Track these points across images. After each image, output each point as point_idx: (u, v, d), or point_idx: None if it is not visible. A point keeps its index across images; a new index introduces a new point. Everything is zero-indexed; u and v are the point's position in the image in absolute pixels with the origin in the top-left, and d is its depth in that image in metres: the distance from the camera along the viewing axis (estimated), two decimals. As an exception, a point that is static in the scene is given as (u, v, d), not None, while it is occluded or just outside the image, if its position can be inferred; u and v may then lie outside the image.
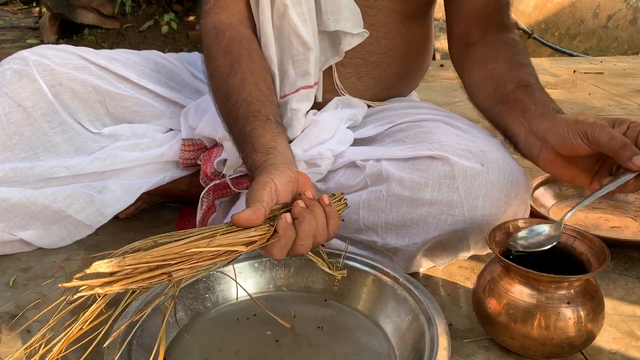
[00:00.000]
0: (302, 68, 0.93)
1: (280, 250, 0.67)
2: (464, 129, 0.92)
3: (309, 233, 0.67)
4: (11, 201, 0.96)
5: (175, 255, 0.59)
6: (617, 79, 2.44)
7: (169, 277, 0.59)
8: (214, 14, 0.92)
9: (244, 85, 0.84)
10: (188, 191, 1.15)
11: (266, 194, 0.67)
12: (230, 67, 0.86)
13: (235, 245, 0.63)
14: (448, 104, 2.01)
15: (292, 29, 0.89)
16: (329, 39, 0.96)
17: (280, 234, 0.66)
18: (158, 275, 0.58)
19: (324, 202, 0.70)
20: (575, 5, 3.37)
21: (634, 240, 1.03)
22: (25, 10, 4.53)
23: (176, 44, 3.30)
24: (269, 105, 0.83)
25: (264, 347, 0.73)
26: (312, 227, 0.67)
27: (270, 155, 0.75)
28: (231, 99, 0.84)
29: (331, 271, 0.78)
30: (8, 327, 0.82)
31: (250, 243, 0.64)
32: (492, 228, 0.77)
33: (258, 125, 0.79)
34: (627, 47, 3.45)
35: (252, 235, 0.64)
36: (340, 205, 0.76)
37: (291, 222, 0.67)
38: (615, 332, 0.81)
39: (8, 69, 1.01)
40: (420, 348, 0.68)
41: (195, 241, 0.61)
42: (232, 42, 0.88)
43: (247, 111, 0.81)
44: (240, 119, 0.81)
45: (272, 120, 0.80)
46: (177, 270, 0.59)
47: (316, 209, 0.69)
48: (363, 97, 1.04)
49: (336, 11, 0.92)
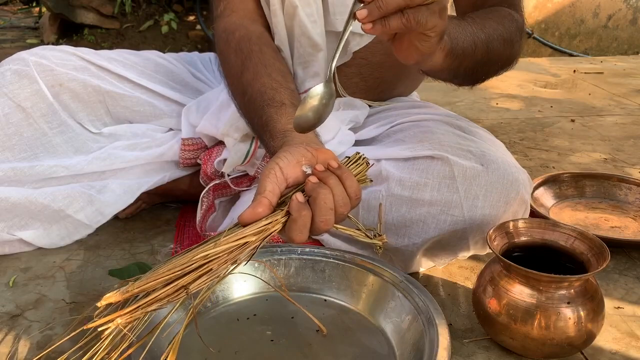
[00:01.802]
0: (311, 69, 0.92)
1: (300, 232, 0.62)
2: (464, 129, 0.92)
3: (327, 207, 0.62)
4: (11, 201, 0.96)
5: (184, 266, 0.56)
6: (617, 79, 2.44)
7: (186, 290, 0.56)
8: (225, 17, 0.92)
9: (257, 78, 0.83)
10: (188, 191, 1.15)
11: (269, 182, 0.63)
12: (242, 65, 0.86)
13: (245, 238, 0.59)
14: (448, 104, 2.01)
15: (301, 30, 0.90)
16: (337, 39, 0.96)
17: (295, 215, 0.62)
18: (174, 290, 0.55)
19: (332, 167, 0.65)
20: (575, 5, 3.37)
21: (634, 240, 1.03)
22: (25, 10, 4.53)
23: (176, 44, 3.30)
24: (284, 91, 0.81)
25: (264, 347, 0.73)
26: (329, 200, 0.62)
27: (287, 138, 0.73)
28: (247, 95, 0.83)
29: (370, 240, 0.72)
30: (8, 327, 0.82)
31: (261, 232, 0.60)
32: (492, 228, 0.77)
33: (273, 112, 0.77)
34: (627, 47, 3.45)
35: (263, 224, 0.61)
36: (360, 166, 0.70)
37: (304, 201, 0.62)
38: (615, 332, 0.81)
39: (8, 69, 1.01)
40: (420, 348, 0.68)
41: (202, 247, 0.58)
42: (241, 40, 0.88)
43: (262, 101, 0.80)
44: (256, 111, 0.80)
45: (287, 104, 0.78)
46: (192, 281, 0.56)
47: (329, 180, 0.64)
48: (366, 97, 1.04)
49: (345, 11, 0.92)
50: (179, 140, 1.09)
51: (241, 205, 1.03)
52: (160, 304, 0.55)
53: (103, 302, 0.53)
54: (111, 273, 0.89)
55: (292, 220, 0.62)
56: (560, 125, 1.79)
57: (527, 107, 2.01)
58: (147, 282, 0.55)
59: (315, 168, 0.65)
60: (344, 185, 0.64)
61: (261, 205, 0.61)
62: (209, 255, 0.57)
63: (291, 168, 0.66)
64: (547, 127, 1.78)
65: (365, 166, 0.71)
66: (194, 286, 0.56)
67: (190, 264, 0.56)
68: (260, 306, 0.81)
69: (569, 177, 1.22)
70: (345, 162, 0.69)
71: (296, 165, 0.66)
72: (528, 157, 1.51)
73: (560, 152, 1.55)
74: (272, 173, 0.64)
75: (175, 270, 0.56)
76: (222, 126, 1.00)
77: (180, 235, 1.07)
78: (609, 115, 1.91)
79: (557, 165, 1.45)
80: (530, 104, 2.04)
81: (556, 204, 1.17)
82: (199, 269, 0.57)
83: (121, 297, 0.54)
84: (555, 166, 1.44)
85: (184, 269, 0.56)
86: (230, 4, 0.92)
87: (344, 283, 0.82)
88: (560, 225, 0.79)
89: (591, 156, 1.52)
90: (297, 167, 0.66)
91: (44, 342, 0.78)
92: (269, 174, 0.64)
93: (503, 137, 1.65)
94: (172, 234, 1.09)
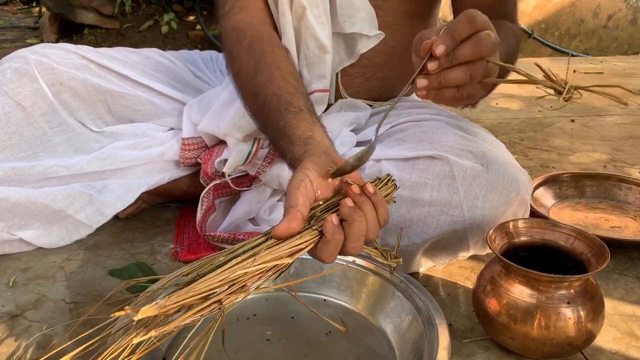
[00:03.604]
0: (317, 71, 0.92)
1: (331, 255, 0.61)
2: (464, 129, 0.92)
3: (361, 234, 0.61)
4: (11, 201, 0.96)
5: (221, 282, 0.55)
6: (617, 79, 2.44)
7: (219, 306, 0.55)
8: (233, 15, 0.91)
9: (272, 81, 0.82)
10: (188, 191, 1.15)
11: (301, 195, 0.62)
12: (255, 66, 0.84)
13: (282, 258, 0.58)
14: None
15: (309, 31, 0.89)
16: (344, 41, 0.96)
17: (329, 238, 0.60)
18: (209, 305, 0.55)
19: (369, 192, 0.63)
20: (575, 5, 3.37)
21: (634, 240, 1.03)
22: (25, 10, 4.53)
23: (176, 44, 3.30)
24: (300, 97, 0.80)
25: (264, 347, 0.73)
26: (363, 228, 0.62)
27: (308, 145, 0.72)
28: (260, 97, 0.82)
29: (386, 261, 0.71)
30: (8, 327, 0.82)
31: (296, 252, 0.60)
32: (492, 228, 0.77)
33: (291, 117, 0.76)
34: (627, 47, 3.45)
35: (297, 244, 0.60)
36: (389, 189, 0.69)
37: (338, 224, 0.61)
38: (615, 332, 0.81)
39: (8, 67, 1.00)
40: (420, 348, 0.68)
41: (238, 262, 0.57)
42: (254, 41, 0.87)
43: (278, 105, 0.78)
44: (272, 115, 0.79)
45: (304, 111, 0.77)
46: (226, 296, 0.55)
47: (365, 207, 0.62)
48: (368, 97, 1.04)
49: (353, 13, 0.92)
50: (179, 139, 1.09)
51: (241, 205, 1.03)
52: (195, 318, 0.54)
53: (140, 316, 0.51)
54: (111, 273, 0.89)
55: (325, 242, 0.61)
56: (560, 126, 1.79)
57: (527, 107, 2.01)
58: (184, 298, 0.54)
59: (352, 189, 0.63)
60: (376, 212, 0.64)
61: (295, 220, 0.60)
62: (248, 273, 0.57)
63: (320, 181, 0.65)
64: (547, 127, 1.78)
65: (393, 189, 0.70)
66: (228, 301, 0.56)
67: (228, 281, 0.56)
68: (260, 306, 0.81)
69: (569, 177, 1.22)
70: (375, 183, 0.69)
71: (324, 177, 0.65)
72: (528, 157, 1.51)
73: (560, 152, 1.55)
74: (303, 185, 0.63)
75: (213, 286, 0.55)
76: (224, 125, 0.99)
77: (180, 235, 1.07)
78: (609, 116, 1.91)
79: (557, 166, 1.45)
80: (530, 104, 2.04)
81: (556, 204, 1.17)
82: (234, 284, 0.56)
83: (158, 311, 0.52)
84: (555, 166, 1.44)
85: (221, 284, 0.56)
86: (239, 1, 0.91)
87: (344, 283, 0.82)
88: (560, 225, 0.79)
89: (591, 156, 1.52)
90: (325, 179, 0.65)
91: (44, 342, 0.78)
92: (299, 185, 0.62)
93: (503, 137, 1.65)
94: (172, 234, 1.09)
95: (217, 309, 0.55)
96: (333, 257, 0.62)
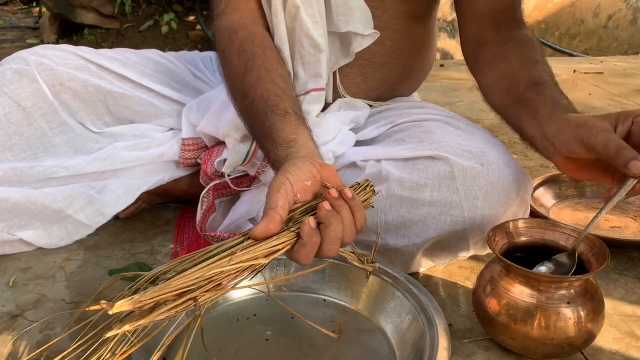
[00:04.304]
0: (313, 70, 0.92)
1: (307, 257, 0.63)
2: (464, 129, 0.92)
3: (337, 237, 0.63)
4: (11, 201, 0.96)
5: (197, 280, 0.56)
6: (617, 79, 2.44)
7: (195, 303, 0.56)
8: (226, 15, 0.91)
9: (260, 83, 0.82)
10: (188, 191, 1.15)
11: (280, 197, 0.62)
12: (245, 66, 0.85)
13: (258, 259, 0.60)
14: (448, 104, 2.01)
15: (303, 30, 0.89)
16: (339, 40, 0.96)
17: (305, 240, 0.62)
18: (184, 302, 0.56)
19: (347, 196, 0.64)
20: (575, 5, 3.37)
21: (634, 240, 1.03)
22: (25, 10, 4.53)
23: (176, 44, 3.30)
24: (287, 99, 0.80)
25: (264, 347, 0.73)
26: (339, 231, 0.63)
27: (291, 148, 0.73)
28: (248, 98, 0.83)
29: (362, 265, 0.73)
30: (8, 327, 0.82)
31: (272, 253, 0.61)
32: (492, 228, 0.77)
33: (277, 119, 0.77)
34: (627, 47, 3.45)
35: (274, 245, 0.61)
36: (367, 194, 0.71)
37: (315, 227, 0.62)
38: (615, 332, 0.81)
39: (8, 68, 1.01)
40: (420, 348, 0.68)
41: (215, 261, 0.58)
42: (245, 41, 0.87)
43: (265, 107, 0.79)
44: (259, 116, 0.80)
45: (291, 114, 0.78)
46: (201, 294, 0.56)
47: (342, 210, 0.64)
48: (367, 97, 1.04)
49: (347, 13, 0.92)
50: (179, 140, 1.09)
51: (241, 205, 1.03)
52: (169, 314, 0.55)
53: (115, 310, 0.53)
54: (111, 273, 0.89)
55: (301, 244, 0.62)
56: (560, 125, 1.79)
57: (527, 107, 2.00)
58: (159, 294, 0.55)
59: (330, 193, 0.64)
60: (353, 217, 0.65)
61: (273, 221, 0.61)
62: (224, 272, 0.58)
63: (300, 184, 0.65)
64: (547, 127, 1.77)
65: (372, 194, 0.72)
66: (203, 299, 0.57)
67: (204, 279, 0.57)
68: (260, 306, 0.81)
69: (569, 177, 1.22)
70: (354, 187, 0.69)
71: (305, 181, 0.66)
72: (528, 157, 1.51)
73: (560, 152, 1.55)
74: (283, 188, 0.63)
75: (188, 283, 0.56)
76: (222, 126, 1.00)
77: (180, 235, 1.07)
78: (625, 108, 1.91)
79: (557, 165, 1.45)
80: (530, 104, 2.04)
81: (556, 204, 1.17)
82: (209, 282, 0.57)
83: (133, 306, 0.54)
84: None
85: (197, 282, 0.57)
86: (232, 2, 0.92)
87: (343, 283, 0.82)
88: (560, 225, 0.79)
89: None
90: (307, 183, 0.66)
91: (44, 342, 0.78)
92: (279, 188, 0.63)
93: (503, 137, 1.65)
94: (172, 234, 1.09)
95: (193, 305, 0.57)
96: (309, 259, 0.63)
